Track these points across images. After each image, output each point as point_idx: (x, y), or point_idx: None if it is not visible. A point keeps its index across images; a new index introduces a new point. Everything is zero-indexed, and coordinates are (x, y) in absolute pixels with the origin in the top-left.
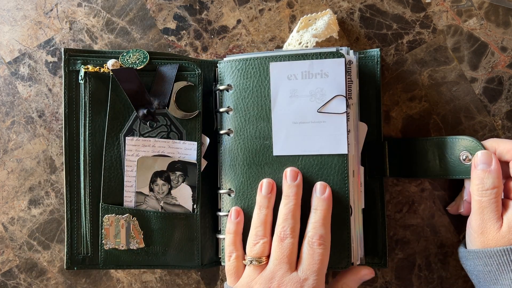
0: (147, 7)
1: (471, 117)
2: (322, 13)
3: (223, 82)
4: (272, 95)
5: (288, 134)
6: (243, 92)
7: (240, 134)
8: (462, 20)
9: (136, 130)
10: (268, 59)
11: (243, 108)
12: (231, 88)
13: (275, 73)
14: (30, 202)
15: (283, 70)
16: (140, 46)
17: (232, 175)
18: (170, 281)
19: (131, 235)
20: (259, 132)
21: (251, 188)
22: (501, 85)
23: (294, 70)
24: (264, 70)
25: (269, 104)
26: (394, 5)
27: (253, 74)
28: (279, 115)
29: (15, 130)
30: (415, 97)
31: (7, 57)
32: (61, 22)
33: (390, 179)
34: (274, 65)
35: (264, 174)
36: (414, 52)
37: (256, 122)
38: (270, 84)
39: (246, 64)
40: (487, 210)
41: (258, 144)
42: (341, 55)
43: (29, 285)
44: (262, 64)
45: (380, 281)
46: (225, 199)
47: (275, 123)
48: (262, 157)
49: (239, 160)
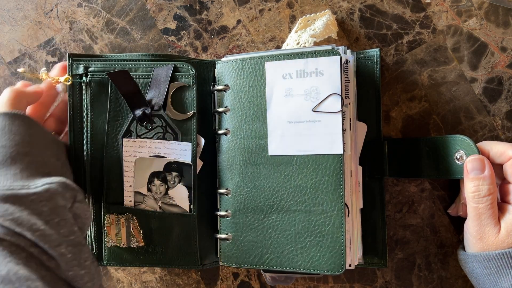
0: (147, 7)
1: (471, 117)
2: (321, 14)
3: (221, 82)
4: (267, 94)
5: (283, 133)
6: (239, 92)
7: (236, 134)
8: (462, 20)
9: (133, 131)
10: (263, 58)
11: (240, 108)
12: (228, 88)
13: (270, 72)
14: None
15: (278, 69)
16: (140, 46)
17: (229, 175)
18: (170, 281)
19: (131, 234)
20: (255, 132)
21: (247, 188)
22: (501, 85)
23: (289, 69)
24: (260, 69)
25: (265, 103)
26: (394, 5)
27: (249, 74)
28: (274, 115)
29: None
30: (415, 97)
31: (7, 57)
32: (61, 22)
33: (390, 179)
34: (269, 64)
35: (259, 174)
36: (414, 52)
37: (252, 122)
38: (266, 84)
39: (243, 64)
40: (484, 216)
41: (254, 144)
42: (337, 53)
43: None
44: (258, 63)
45: (380, 281)
46: (223, 199)
47: (270, 123)
48: (257, 157)
49: (235, 160)
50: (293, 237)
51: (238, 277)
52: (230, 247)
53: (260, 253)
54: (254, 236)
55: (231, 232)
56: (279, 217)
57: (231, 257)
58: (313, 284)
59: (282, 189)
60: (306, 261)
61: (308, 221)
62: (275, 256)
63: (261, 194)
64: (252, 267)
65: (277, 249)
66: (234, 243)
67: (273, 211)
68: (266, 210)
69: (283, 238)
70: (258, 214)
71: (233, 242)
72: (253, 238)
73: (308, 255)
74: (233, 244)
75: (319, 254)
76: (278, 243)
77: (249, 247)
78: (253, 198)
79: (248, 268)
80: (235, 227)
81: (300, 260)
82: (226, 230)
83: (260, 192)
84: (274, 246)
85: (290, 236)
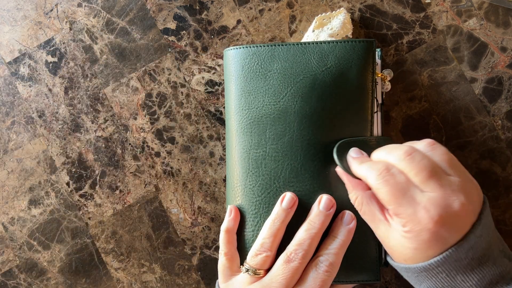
0: (147, 7)
1: (471, 117)
2: (336, 12)
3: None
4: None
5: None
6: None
7: None
8: (462, 20)
9: None
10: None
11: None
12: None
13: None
14: (30, 202)
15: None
16: (140, 46)
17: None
18: (170, 281)
19: None
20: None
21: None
22: (501, 85)
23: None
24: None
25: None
26: (394, 5)
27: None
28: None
29: (15, 130)
30: (415, 97)
31: (7, 57)
32: (61, 22)
33: None
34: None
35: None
36: (414, 52)
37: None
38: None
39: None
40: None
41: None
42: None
43: (29, 285)
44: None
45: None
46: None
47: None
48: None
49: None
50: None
51: None
52: None
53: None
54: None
55: None
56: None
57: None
58: None
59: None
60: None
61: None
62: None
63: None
64: None
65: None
66: None
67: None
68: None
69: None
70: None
71: None
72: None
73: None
74: None
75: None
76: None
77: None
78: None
79: None
80: None
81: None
82: None
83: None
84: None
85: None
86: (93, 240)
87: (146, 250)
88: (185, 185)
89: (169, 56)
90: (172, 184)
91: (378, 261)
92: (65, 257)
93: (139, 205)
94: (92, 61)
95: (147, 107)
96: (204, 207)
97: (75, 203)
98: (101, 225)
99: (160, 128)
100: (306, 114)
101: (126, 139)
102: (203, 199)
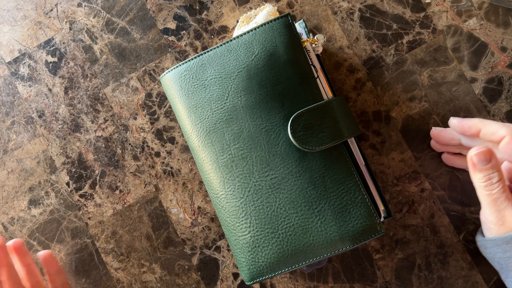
0: (147, 7)
1: (471, 117)
2: (260, 8)
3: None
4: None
5: None
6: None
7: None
8: (462, 20)
9: None
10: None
11: None
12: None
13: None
14: (30, 202)
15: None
16: (140, 46)
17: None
18: (170, 281)
19: None
20: None
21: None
22: (501, 85)
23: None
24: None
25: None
26: (394, 5)
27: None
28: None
29: (15, 130)
30: (415, 97)
31: (7, 57)
32: (61, 22)
33: (389, 179)
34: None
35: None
36: (414, 52)
37: None
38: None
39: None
40: (500, 200)
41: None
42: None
43: None
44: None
45: (380, 281)
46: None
47: None
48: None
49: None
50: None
51: (238, 277)
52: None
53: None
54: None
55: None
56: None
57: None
58: (313, 284)
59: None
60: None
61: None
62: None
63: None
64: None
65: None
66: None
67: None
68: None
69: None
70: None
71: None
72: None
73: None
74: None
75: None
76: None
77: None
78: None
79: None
80: None
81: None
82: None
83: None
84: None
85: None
86: (93, 240)
87: (146, 250)
88: (185, 185)
89: (169, 56)
90: (172, 184)
91: (376, 215)
92: (65, 257)
93: (139, 205)
94: (92, 61)
95: (147, 107)
96: (204, 207)
97: (75, 203)
98: (101, 225)
99: (160, 128)
100: (254, 104)
101: (126, 139)
102: (203, 199)
